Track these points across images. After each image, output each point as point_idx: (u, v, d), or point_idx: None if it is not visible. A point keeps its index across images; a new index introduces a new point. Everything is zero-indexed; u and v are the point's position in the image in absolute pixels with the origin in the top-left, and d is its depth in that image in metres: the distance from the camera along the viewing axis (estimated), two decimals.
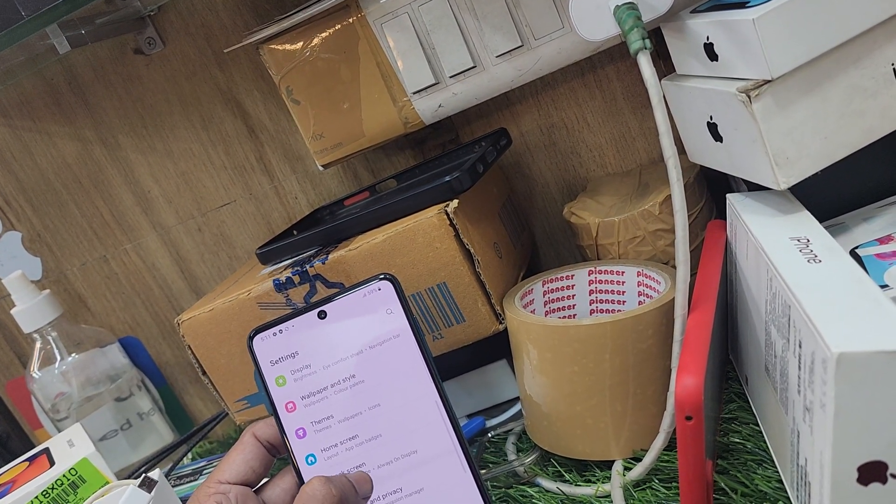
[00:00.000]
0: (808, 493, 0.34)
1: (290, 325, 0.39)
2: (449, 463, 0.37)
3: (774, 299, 0.37)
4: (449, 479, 0.37)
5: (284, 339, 0.39)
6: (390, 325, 0.39)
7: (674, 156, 0.40)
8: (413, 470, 0.38)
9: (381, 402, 0.38)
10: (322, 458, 0.38)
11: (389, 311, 0.39)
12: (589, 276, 0.53)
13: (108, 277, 0.74)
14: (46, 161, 0.70)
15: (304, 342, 0.39)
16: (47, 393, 0.70)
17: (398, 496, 0.38)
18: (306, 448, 0.38)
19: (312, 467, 0.38)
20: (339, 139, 0.57)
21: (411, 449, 0.38)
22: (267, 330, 0.39)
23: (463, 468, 0.37)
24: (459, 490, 0.37)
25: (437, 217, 0.48)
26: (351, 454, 0.38)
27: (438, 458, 0.38)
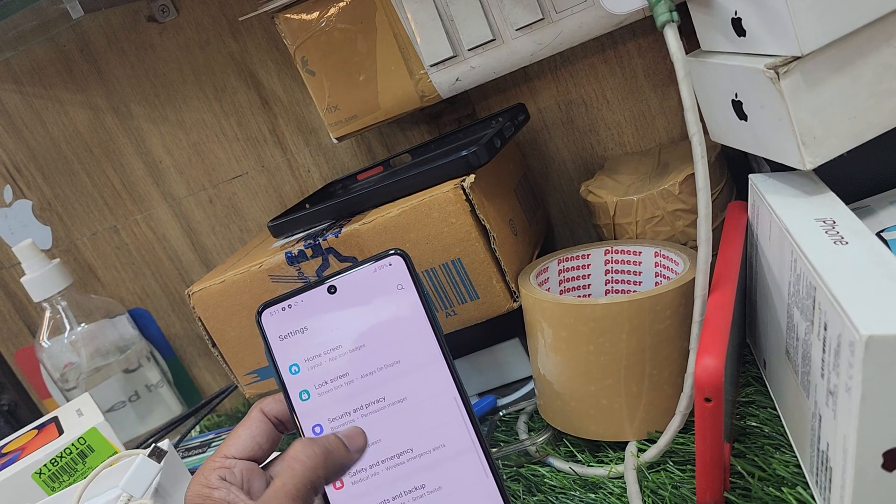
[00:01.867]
0: (828, 479, 0.34)
1: (299, 300, 0.39)
2: (456, 436, 0.37)
3: (798, 281, 0.36)
4: (456, 444, 0.37)
5: (293, 313, 0.39)
6: (401, 300, 0.38)
7: (699, 132, 0.39)
8: (421, 436, 0.37)
9: (390, 377, 0.38)
10: (329, 429, 0.37)
11: (400, 286, 0.38)
12: (605, 255, 0.52)
13: (118, 248, 0.73)
14: (58, 129, 0.69)
15: (314, 317, 0.38)
16: (56, 362, 0.70)
17: (405, 458, 0.37)
18: (313, 419, 0.38)
19: None
20: (354, 111, 0.56)
21: (420, 421, 0.37)
22: (276, 304, 0.39)
23: (472, 442, 0.37)
24: (468, 464, 0.37)
25: (453, 192, 0.47)
26: (357, 424, 0.37)
27: (444, 429, 0.37)
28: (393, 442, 0.37)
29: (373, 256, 0.38)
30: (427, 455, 0.37)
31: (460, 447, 0.37)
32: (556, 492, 0.44)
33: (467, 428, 0.37)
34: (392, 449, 0.37)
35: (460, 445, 0.37)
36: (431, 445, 0.37)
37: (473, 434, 0.37)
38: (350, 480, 0.37)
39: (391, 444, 0.37)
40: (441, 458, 0.37)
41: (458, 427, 0.37)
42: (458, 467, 0.37)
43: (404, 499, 0.37)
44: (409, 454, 0.37)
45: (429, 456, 0.37)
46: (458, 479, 0.37)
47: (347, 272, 0.38)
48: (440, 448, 0.37)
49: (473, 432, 0.37)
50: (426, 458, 0.37)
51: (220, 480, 0.34)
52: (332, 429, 0.37)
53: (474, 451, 0.37)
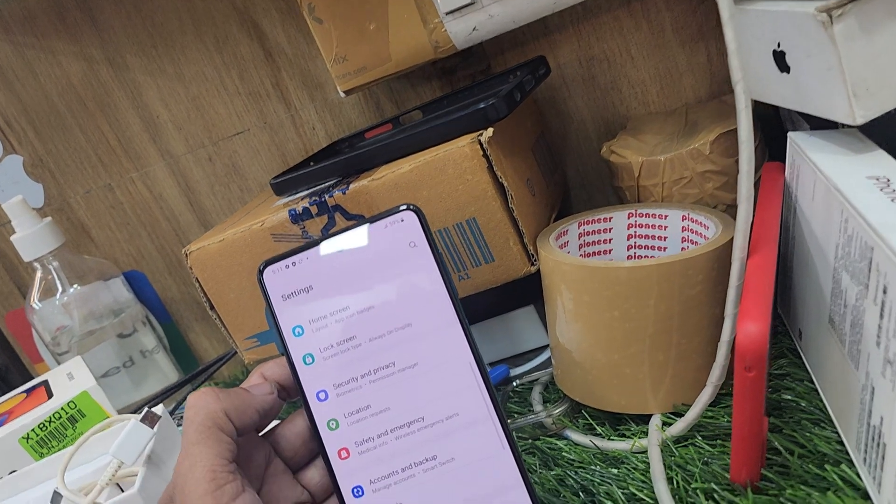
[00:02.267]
0: (881, 455, 0.31)
1: (304, 258, 0.36)
2: (471, 404, 0.34)
3: (850, 242, 0.33)
4: (471, 413, 0.34)
5: (298, 271, 0.36)
6: (413, 259, 0.35)
7: (743, 80, 0.35)
8: (432, 404, 0.34)
9: (402, 342, 0.35)
10: (334, 395, 0.35)
11: (413, 244, 0.35)
12: (629, 218, 0.49)
13: (112, 207, 0.70)
14: (50, 81, 0.66)
15: (320, 275, 0.36)
16: (48, 325, 0.67)
17: (415, 427, 0.34)
18: (317, 385, 0.35)
19: (323, 404, 0.35)
20: (363, 63, 0.53)
21: (432, 389, 0.35)
22: (279, 262, 0.36)
23: (488, 412, 0.34)
24: (483, 434, 0.34)
25: (470, 146, 0.44)
26: (365, 391, 0.35)
27: (459, 393, 0.34)
28: (403, 410, 0.34)
29: (384, 212, 0.36)
30: (439, 424, 0.34)
31: (475, 416, 0.34)
32: (574, 466, 0.42)
33: (483, 396, 0.34)
34: (402, 417, 0.34)
35: (475, 415, 0.34)
36: (444, 414, 0.34)
37: (490, 403, 0.34)
38: (357, 450, 0.34)
39: (401, 413, 0.34)
40: (454, 427, 0.34)
41: (473, 395, 0.34)
42: (473, 438, 0.34)
43: (414, 470, 0.34)
44: (420, 423, 0.34)
45: (441, 425, 0.34)
46: (472, 450, 0.34)
47: (356, 227, 0.36)
48: (453, 417, 0.34)
49: (490, 401, 0.34)
50: (438, 427, 0.34)
51: None
52: (338, 395, 0.35)
53: (490, 420, 0.34)
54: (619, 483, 0.39)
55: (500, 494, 0.34)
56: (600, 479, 0.40)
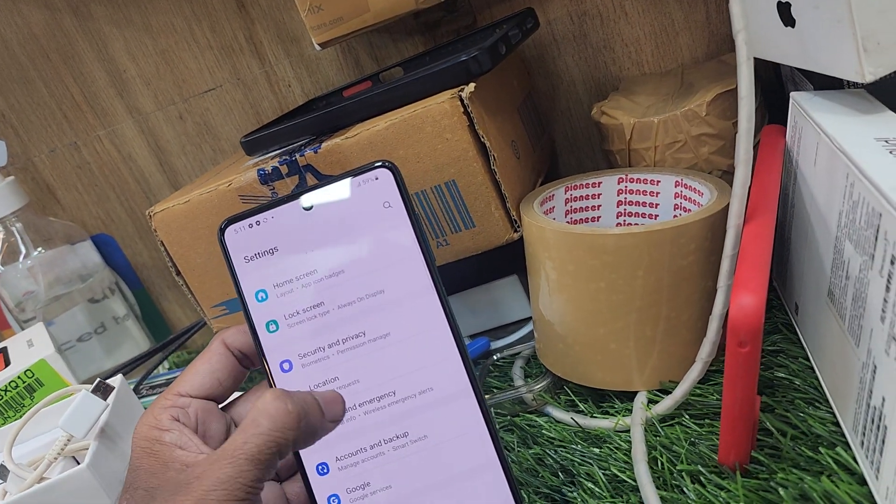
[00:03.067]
0: (881, 439, 0.29)
1: (268, 217, 0.33)
2: (447, 379, 0.32)
3: (854, 209, 0.31)
4: (446, 388, 0.32)
5: (262, 231, 0.33)
6: (388, 220, 0.32)
7: (745, 29, 0.32)
8: (405, 378, 0.32)
9: (373, 310, 0.32)
10: (299, 366, 0.32)
11: (387, 204, 0.32)
12: (619, 184, 0.46)
13: (79, 167, 0.67)
14: (10, 31, 0.62)
15: (286, 236, 0.33)
16: (13, 290, 0.64)
17: (385, 402, 0.32)
18: (281, 354, 0.32)
19: (287, 375, 0.32)
20: (340, 13, 0.49)
21: (405, 361, 0.32)
22: (242, 220, 0.33)
23: (465, 387, 0.32)
24: (459, 411, 0.32)
25: (450, 103, 0.41)
26: (332, 363, 0.32)
27: (433, 366, 0.32)
28: (373, 383, 0.32)
29: (357, 168, 0.33)
30: (411, 399, 0.32)
31: (451, 392, 0.32)
32: (554, 444, 0.39)
33: (460, 370, 0.32)
34: (371, 391, 0.32)
35: (451, 390, 0.32)
36: (417, 389, 0.32)
37: (466, 377, 0.32)
38: None
39: (370, 386, 0.32)
40: (428, 403, 0.32)
41: (448, 369, 0.32)
42: (448, 414, 0.32)
43: (383, 447, 0.32)
44: (392, 398, 0.32)
45: (413, 400, 0.32)
46: (446, 427, 0.32)
47: (326, 185, 0.33)
48: (427, 392, 0.32)
49: (467, 375, 0.32)
50: (410, 402, 0.32)
51: (171, 421, 0.29)
52: (303, 366, 0.32)
53: (467, 396, 0.32)
54: (601, 463, 0.37)
55: (475, 475, 0.32)
56: (581, 459, 0.38)
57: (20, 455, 0.43)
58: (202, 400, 0.31)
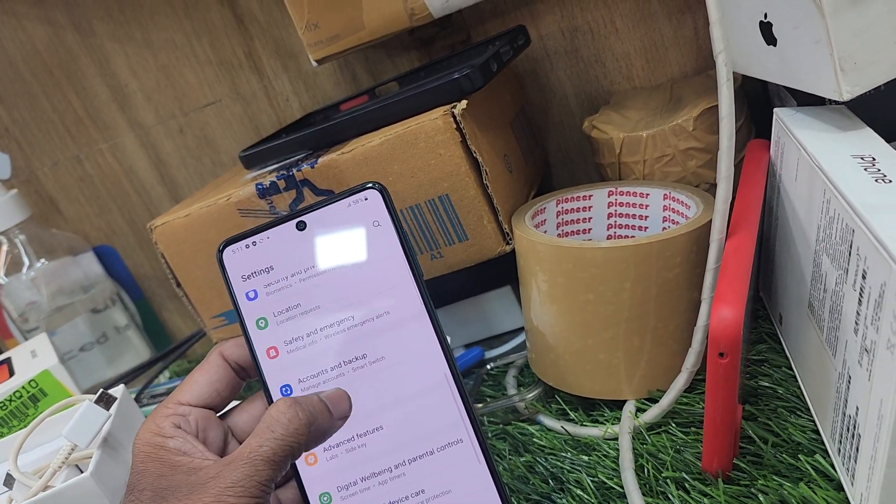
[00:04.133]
0: (855, 447, 0.30)
1: (264, 237, 0.35)
2: (439, 390, 0.33)
3: (831, 224, 0.32)
4: (439, 410, 0.33)
5: (258, 251, 0.35)
6: (377, 239, 0.34)
7: (726, 50, 0.34)
8: (398, 398, 0.33)
9: (364, 324, 0.33)
10: (298, 391, 0.33)
11: (377, 223, 0.34)
12: (609, 196, 0.47)
13: (81, 180, 0.68)
14: (14, 46, 0.63)
15: (281, 256, 0.34)
16: (16, 301, 0.65)
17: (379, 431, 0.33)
18: (278, 371, 0.33)
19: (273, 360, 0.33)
20: (336, 31, 0.50)
21: (397, 376, 0.33)
22: (239, 241, 0.35)
23: (454, 398, 0.33)
24: (449, 421, 0.33)
25: (443, 119, 0.42)
26: (331, 383, 0.33)
27: (426, 387, 0.33)
28: (369, 402, 0.33)
29: (347, 190, 0.34)
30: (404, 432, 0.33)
31: (431, 379, 0.33)
32: (545, 452, 0.40)
33: (450, 387, 0.33)
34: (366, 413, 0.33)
35: (431, 377, 0.33)
36: (398, 376, 0.33)
37: (454, 386, 0.33)
38: None
39: (365, 405, 0.33)
40: (408, 387, 0.33)
41: (441, 389, 0.33)
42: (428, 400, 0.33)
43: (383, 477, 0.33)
44: (381, 431, 0.33)
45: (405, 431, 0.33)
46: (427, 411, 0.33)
47: (319, 207, 0.34)
48: (419, 414, 0.33)
49: (458, 394, 0.33)
50: (404, 435, 0.33)
51: (174, 428, 0.30)
52: (302, 391, 0.33)
53: (446, 383, 0.33)
54: (589, 470, 0.38)
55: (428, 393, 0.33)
56: (570, 467, 0.39)
57: (25, 463, 0.44)
58: (201, 409, 0.32)
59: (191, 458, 0.29)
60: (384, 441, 0.33)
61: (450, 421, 0.33)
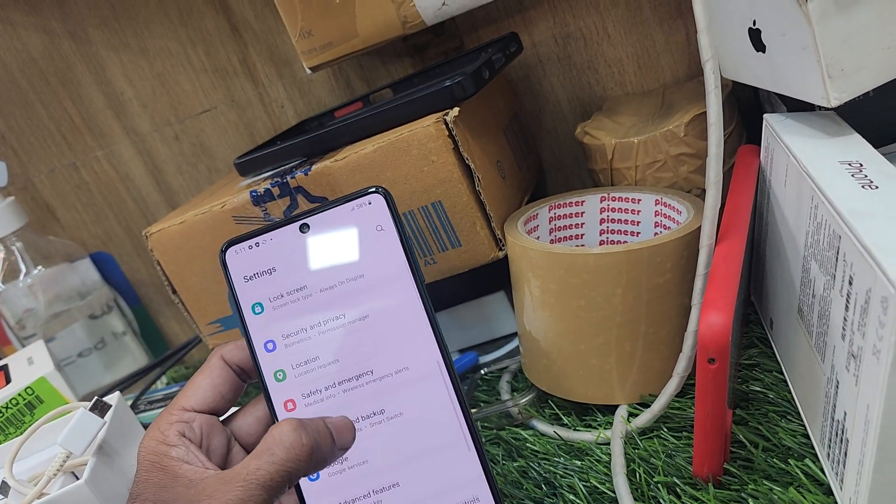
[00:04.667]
0: (843, 451, 0.30)
1: (268, 239, 0.35)
2: (435, 391, 0.33)
3: (819, 230, 0.32)
4: (434, 409, 0.33)
5: (261, 253, 0.35)
6: (380, 243, 0.34)
7: (713, 58, 0.34)
8: (396, 396, 0.33)
9: (365, 325, 0.34)
10: (292, 376, 0.34)
11: (380, 227, 0.34)
12: (601, 202, 0.48)
13: (78, 187, 0.68)
14: (10, 55, 0.64)
15: (283, 258, 0.35)
16: (13, 308, 0.65)
17: (379, 418, 0.33)
18: (276, 365, 0.34)
19: (282, 384, 0.34)
20: (330, 38, 0.51)
21: (395, 377, 0.33)
22: (242, 242, 0.35)
23: (451, 401, 0.33)
24: (444, 424, 0.33)
25: (435, 126, 0.42)
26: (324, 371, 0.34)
27: (423, 385, 0.33)
28: (366, 409, 0.33)
29: (351, 193, 0.34)
30: (398, 418, 0.33)
31: (427, 374, 0.33)
32: (538, 457, 0.41)
33: (448, 393, 0.33)
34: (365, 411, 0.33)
35: (427, 374, 0.33)
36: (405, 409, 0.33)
37: (455, 399, 0.33)
38: None
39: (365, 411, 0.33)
40: (405, 385, 0.33)
41: (438, 391, 0.33)
42: (425, 399, 0.33)
43: None
44: (381, 415, 0.34)
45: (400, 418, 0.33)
46: (424, 411, 0.33)
47: (322, 210, 0.35)
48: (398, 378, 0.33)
49: (455, 396, 0.33)
50: (398, 419, 0.33)
51: (178, 437, 0.31)
52: (295, 376, 0.33)
53: (455, 419, 0.33)
54: (581, 475, 0.38)
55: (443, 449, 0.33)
56: (563, 472, 0.39)
57: (21, 471, 0.44)
58: (205, 414, 0.32)
59: (193, 468, 0.30)
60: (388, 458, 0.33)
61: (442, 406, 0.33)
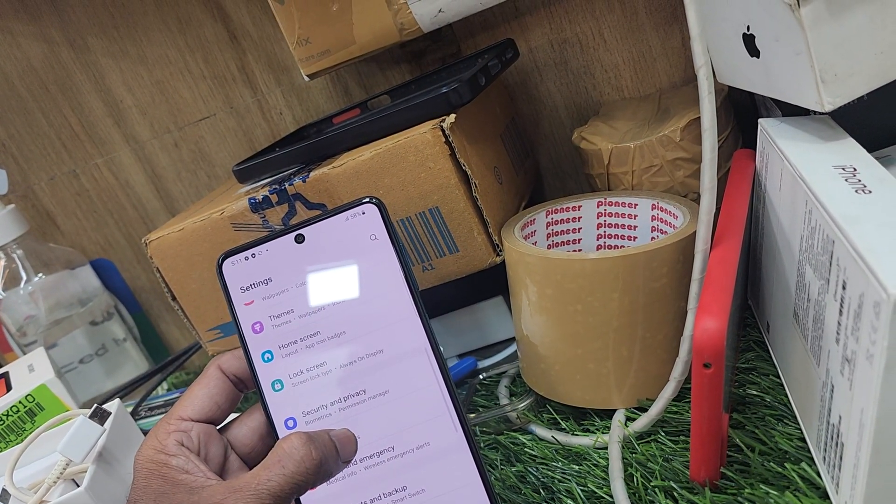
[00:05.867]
0: (838, 455, 0.30)
1: (263, 250, 0.35)
2: (430, 398, 0.34)
3: (813, 235, 0.32)
4: (432, 422, 0.33)
5: (257, 263, 0.35)
6: (374, 252, 0.34)
7: (706, 65, 0.34)
8: (390, 407, 0.33)
9: (360, 336, 0.34)
10: (289, 386, 0.34)
11: (374, 237, 0.35)
12: (598, 207, 0.48)
13: (78, 194, 0.69)
14: (10, 64, 0.64)
15: (279, 268, 0.35)
16: (14, 315, 0.66)
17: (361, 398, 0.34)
18: (273, 376, 0.34)
19: (279, 394, 0.34)
20: (327, 45, 0.51)
21: (390, 387, 0.34)
22: (238, 254, 0.36)
23: (447, 408, 0.33)
24: (442, 432, 0.33)
25: (432, 133, 0.42)
26: (321, 382, 0.34)
27: (419, 394, 0.33)
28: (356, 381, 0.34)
29: (345, 204, 0.35)
30: (403, 451, 0.34)
31: (434, 414, 0.34)
32: (536, 462, 0.41)
33: (442, 395, 0.33)
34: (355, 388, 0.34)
35: (435, 412, 0.34)
36: (391, 387, 0.34)
37: (449, 399, 0.33)
38: None
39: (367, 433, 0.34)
40: (399, 398, 0.34)
41: (431, 391, 0.34)
42: (420, 407, 0.34)
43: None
44: (387, 449, 0.34)
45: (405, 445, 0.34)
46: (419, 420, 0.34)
47: (317, 220, 0.35)
48: (394, 392, 0.34)
49: (449, 398, 0.33)
50: (403, 453, 0.34)
51: (177, 446, 0.31)
52: (293, 385, 0.34)
53: (439, 391, 0.33)
54: (579, 480, 0.38)
55: None
56: (561, 476, 0.39)
57: (21, 478, 0.44)
58: (203, 424, 0.33)
59: (193, 476, 0.30)
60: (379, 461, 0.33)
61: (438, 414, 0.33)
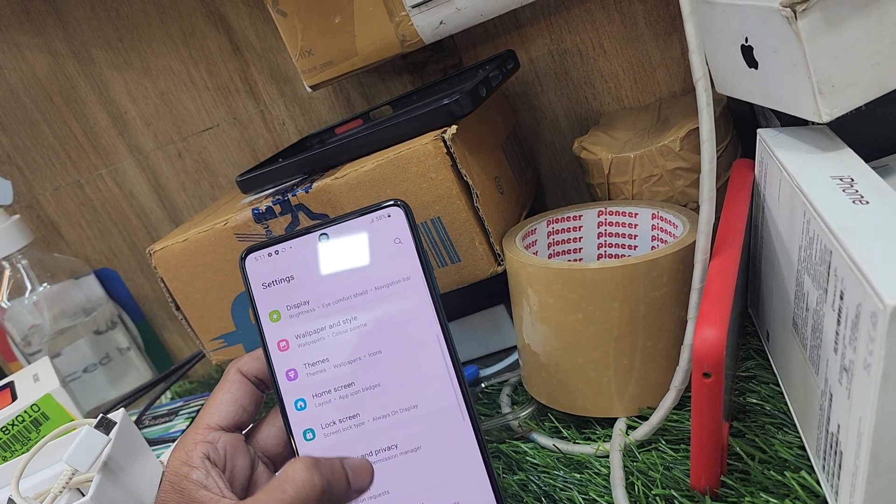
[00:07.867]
0: (837, 464, 0.30)
1: (287, 247, 0.36)
2: (450, 420, 0.34)
3: (811, 245, 0.32)
4: (449, 437, 0.34)
5: (280, 260, 0.36)
6: (397, 256, 0.35)
7: (704, 77, 0.35)
8: (411, 425, 0.34)
9: (382, 343, 0.35)
10: (304, 374, 0.34)
11: (398, 240, 0.35)
12: (598, 216, 0.48)
13: (82, 204, 0.69)
14: (15, 75, 0.65)
15: (302, 266, 0.36)
16: (19, 324, 0.66)
17: (393, 453, 0.34)
18: (296, 389, 0.35)
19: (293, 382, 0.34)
20: (330, 57, 0.52)
21: (412, 403, 0.34)
22: (262, 249, 0.36)
23: (465, 427, 0.34)
24: (459, 449, 0.34)
25: (433, 144, 0.43)
26: (345, 401, 0.34)
27: (439, 415, 0.34)
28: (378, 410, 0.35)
29: (371, 206, 0.36)
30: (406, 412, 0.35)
31: (443, 406, 0.34)
32: (538, 470, 0.41)
33: (457, 399, 0.34)
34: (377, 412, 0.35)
35: (443, 404, 0.34)
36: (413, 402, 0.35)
37: (461, 397, 0.34)
38: None
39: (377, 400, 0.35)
40: (419, 417, 0.35)
41: (447, 395, 0.34)
42: (440, 427, 0.34)
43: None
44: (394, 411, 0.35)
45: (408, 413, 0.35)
46: (439, 439, 0.34)
47: (342, 220, 0.36)
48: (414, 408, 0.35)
49: (465, 406, 0.34)
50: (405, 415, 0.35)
51: (201, 459, 0.31)
52: (308, 374, 0.35)
53: (458, 410, 0.34)
54: (581, 488, 0.38)
55: None
56: (563, 485, 0.39)
57: (27, 488, 0.44)
58: (229, 433, 0.33)
59: (209, 494, 0.30)
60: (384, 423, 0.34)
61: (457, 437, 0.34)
